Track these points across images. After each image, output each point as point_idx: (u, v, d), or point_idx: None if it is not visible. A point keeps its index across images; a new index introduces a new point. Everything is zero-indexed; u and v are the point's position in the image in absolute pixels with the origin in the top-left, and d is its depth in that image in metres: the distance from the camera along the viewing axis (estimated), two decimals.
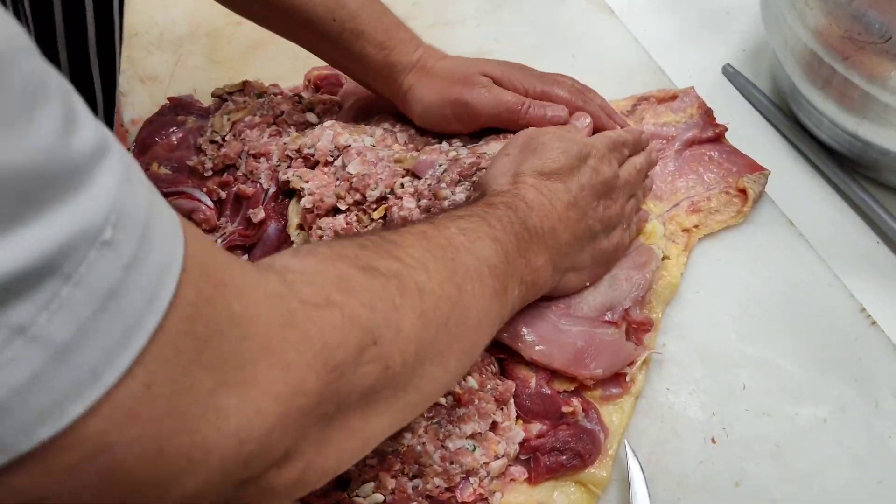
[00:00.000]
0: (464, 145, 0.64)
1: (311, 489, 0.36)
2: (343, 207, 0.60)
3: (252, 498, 0.33)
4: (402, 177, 0.61)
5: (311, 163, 0.64)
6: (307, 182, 0.62)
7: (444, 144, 0.64)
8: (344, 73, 0.70)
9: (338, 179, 0.62)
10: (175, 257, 0.28)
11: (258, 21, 0.66)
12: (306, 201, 0.61)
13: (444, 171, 0.59)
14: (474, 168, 0.59)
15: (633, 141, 0.63)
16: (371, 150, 0.63)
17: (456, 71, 0.64)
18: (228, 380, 0.30)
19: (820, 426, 0.57)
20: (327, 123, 0.65)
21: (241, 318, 0.31)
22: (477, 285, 0.44)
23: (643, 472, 0.53)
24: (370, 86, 0.67)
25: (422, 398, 0.41)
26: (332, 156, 0.63)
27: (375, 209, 0.60)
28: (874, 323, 0.62)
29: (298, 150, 0.64)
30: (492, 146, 0.61)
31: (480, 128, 0.64)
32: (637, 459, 0.54)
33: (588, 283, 0.58)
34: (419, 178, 0.60)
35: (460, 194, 0.58)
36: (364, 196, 0.60)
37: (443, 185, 0.59)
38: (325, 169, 0.63)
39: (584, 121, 0.63)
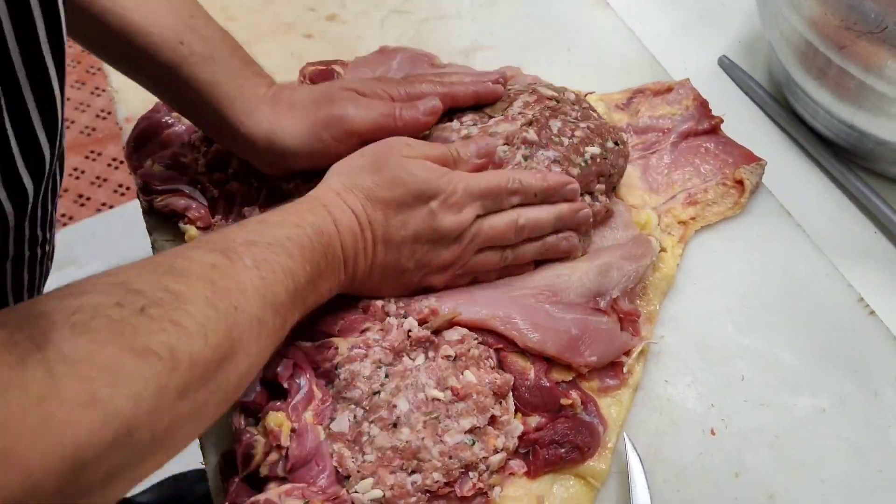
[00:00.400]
0: (474, 123, 0.62)
1: None
2: None
3: None
4: None
5: None
6: None
7: (455, 122, 0.63)
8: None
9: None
10: None
11: (94, 50, 0.60)
12: None
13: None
14: None
15: (541, 190, 0.57)
16: None
17: (315, 94, 0.59)
18: None
19: (819, 417, 0.57)
20: None
21: None
22: (255, 333, 0.43)
23: (642, 465, 0.53)
24: (220, 129, 0.59)
25: (170, 455, 0.40)
26: None
27: None
28: (872, 313, 0.62)
29: None
30: (501, 126, 0.60)
31: (362, 145, 0.57)
32: (636, 452, 0.54)
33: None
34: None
35: None
36: None
37: None
38: None
39: (470, 148, 0.57)
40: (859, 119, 0.67)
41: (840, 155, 0.73)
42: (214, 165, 0.67)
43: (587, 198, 0.61)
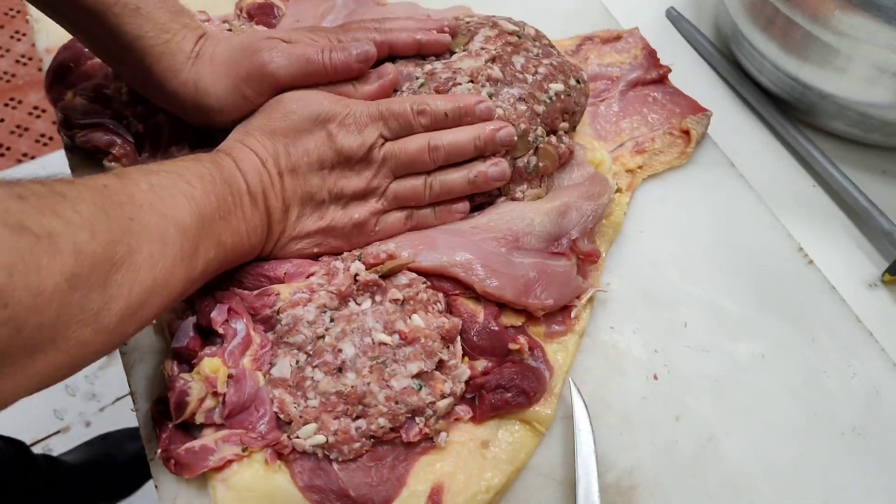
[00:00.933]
0: (438, 59, 0.60)
1: None
2: None
3: None
4: None
5: None
6: None
7: (417, 58, 0.60)
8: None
9: None
10: None
11: None
12: None
13: (422, 85, 0.57)
14: (450, 83, 0.57)
15: (451, 110, 0.54)
16: None
17: (239, 47, 0.55)
18: None
19: (758, 363, 0.58)
20: None
21: None
22: (156, 246, 0.42)
23: (587, 410, 0.53)
24: (145, 83, 0.56)
25: (71, 359, 0.39)
26: None
27: None
28: (811, 262, 0.63)
29: None
30: (465, 62, 0.58)
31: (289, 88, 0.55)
32: (581, 397, 0.54)
33: (316, 251, 0.54)
34: (396, 90, 0.57)
35: None
36: None
37: None
38: None
39: (382, 74, 0.56)
40: (804, 71, 0.67)
41: (783, 109, 0.74)
42: (139, 97, 0.63)
43: (552, 137, 0.59)
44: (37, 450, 1.35)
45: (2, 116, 1.70)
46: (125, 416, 1.37)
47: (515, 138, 0.56)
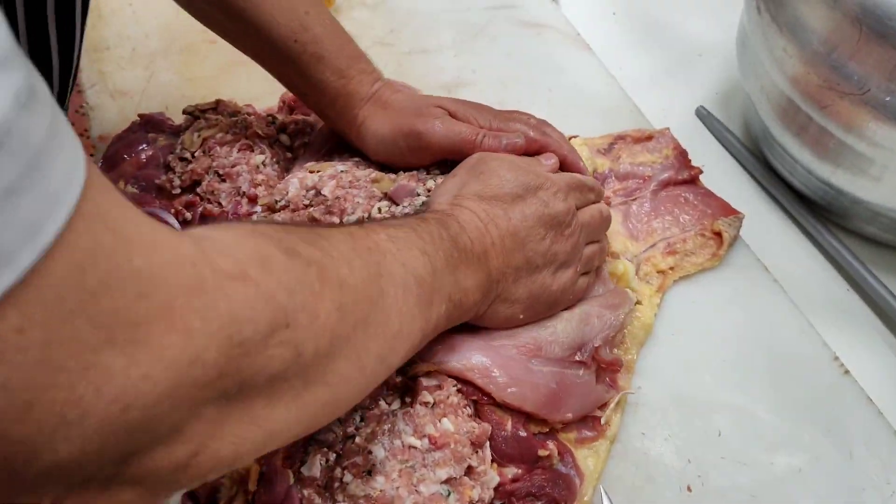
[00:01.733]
0: (441, 173, 0.62)
1: (200, 479, 0.33)
2: None
3: (134, 477, 0.30)
4: (380, 200, 0.60)
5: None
6: (277, 215, 0.60)
7: (422, 172, 0.63)
8: (301, 101, 0.68)
9: (312, 204, 0.60)
10: (68, 197, 0.26)
11: (223, 35, 0.64)
12: (283, 217, 0.59)
13: (423, 203, 0.58)
14: None
15: (597, 189, 0.62)
16: (347, 173, 0.62)
17: (411, 104, 0.63)
18: (117, 338, 0.27)
19: (795, 476, 0.57)
20: (293, 173, 0.63)
21: (143, 276, 0.28)
22: (401, 292, 0.44)
23: None
24: (326, 115, 0.66)
25: (333, 396, 0.39)
26: (306, 199, 0.61)
27: None
28: (847, 372, 0.62)
29: (269, 208, 0.61)
30: None
31: (434, 160, 0.63)
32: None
33: (522, 318, 0.55)
34: (397, 203, 0.58)
35: None
36: (342, 220, 0.58)
37: None
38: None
39: (550, 160, 0.61)
40: (837, 177, 0.68)
41: (815, 211, 0.74)
42: (189, 187, 0.65)
43: None
44: None
45: None
46: None
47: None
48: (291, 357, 0.35)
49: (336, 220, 0.59)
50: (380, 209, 0.58)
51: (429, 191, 0.59)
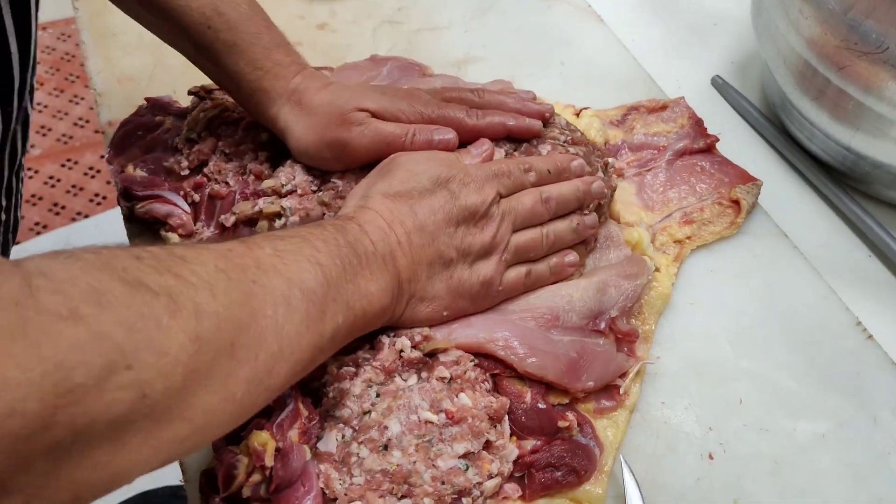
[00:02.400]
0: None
1: None
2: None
3: None
4: None
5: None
6: (285, 199, 0.59)
7: None
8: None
9: (320, 189, 0.60)
10: None
11: (141, 23, 0.62)
12: (292, 221, 0.58)
13: None
14: None
15: (552, 167, 0.58)
16: None
17: (332, 108, 0.59)
18: None
19: (818, 442, 0.56)
20: (290, 162, 0.62)
21: None
22: (282, 310, 0.41)
23: (640, 490, 0.51)
24: (247, 110, 0.63)
25: (195, 430, 0.36)
26: (314, 184, 0.60)
27: None
28: (870, 337, 0.61)
29: (275, 191, 0.60)
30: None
31: (365, 164, 0.59)
32: (633, 476, 0.52)
33: (446, 314, 0.53)
34: None
35: None
36: None
37: None
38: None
39: (481, 147, 0.58)
40: (857, 141, 0.66)
41: (834, 177, 0.72)
42: (196, 169, 0.64)
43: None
44: None
45: (59, 176, 1.77)
46: (166, 475, 1.37)
47: (607, 191, 0.60)
48: (135, 399, 0.32)
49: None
50: None
51: None
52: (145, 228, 0.64)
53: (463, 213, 0.53)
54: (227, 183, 0.62)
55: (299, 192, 0.59)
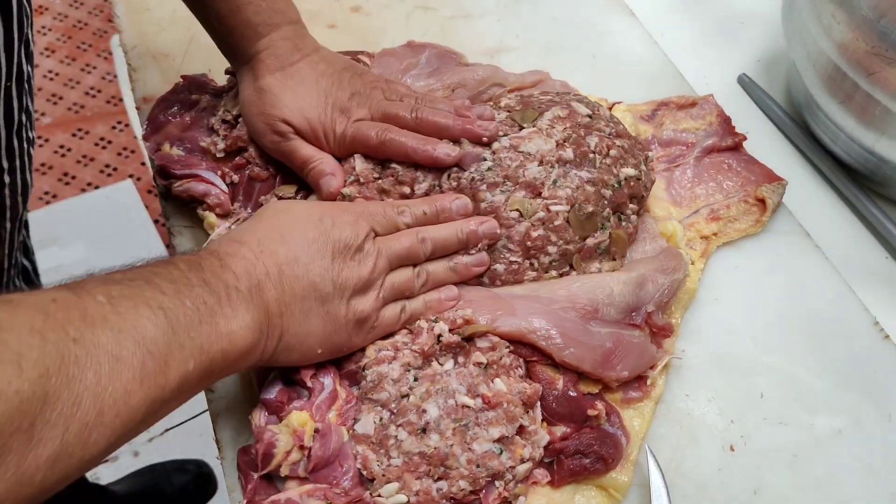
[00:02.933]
0: (504, 134, 0.60)
1: None
2: None
3: None
4: (448, 167, 0.59)
5: None
6: (347, 188, 0.60)
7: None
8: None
9: (381, 177, 0.60)
10: None
11: None
12: (349, 191, 0.59)
13: (489, 169, 0.58)
14: (520, 171, 0.58)
15: (430, 209, 0.57)
16: None
17: (264, 106, 0.61)
18: None
19: (836, 437, 0.58)
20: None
21: None
22: (106, 369, 0.38)
23: (664, 479, 0.53)
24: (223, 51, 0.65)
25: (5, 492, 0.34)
26: (375, 172, 0.60)
27: None
28: (887, 337, 0.62)
29: None
30: (534, 143, 0.59)
31: None
32: (658, 466, 0.54)
33: (320, 352, 0.52)
34: (464, 169, 0.58)
35: (500, 196, 0.57)
36: (413, 189, 0.59)
37: (483, 185, 0.57)
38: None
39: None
40: (881, 145, 0.68)
41: (856, 179, 0.74)
42: (234, 151, 0.65)
43: (612, 218, 0.60)
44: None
45: (69, 146, 1.76)
46: (173, 448, 1.39)
47: (498, 231, 0.57)
48: None
49: (407, 189, 0.59)
50: (448, 175, 0.59)
51: (493, 153, 0.59)
52: (181, 206, 0.65)
53: (337, 244, 0.52)
54: (268, 168, 0.63)
55: (361, 180, 0.60)
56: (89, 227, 1.63)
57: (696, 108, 0.74)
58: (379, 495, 0.50)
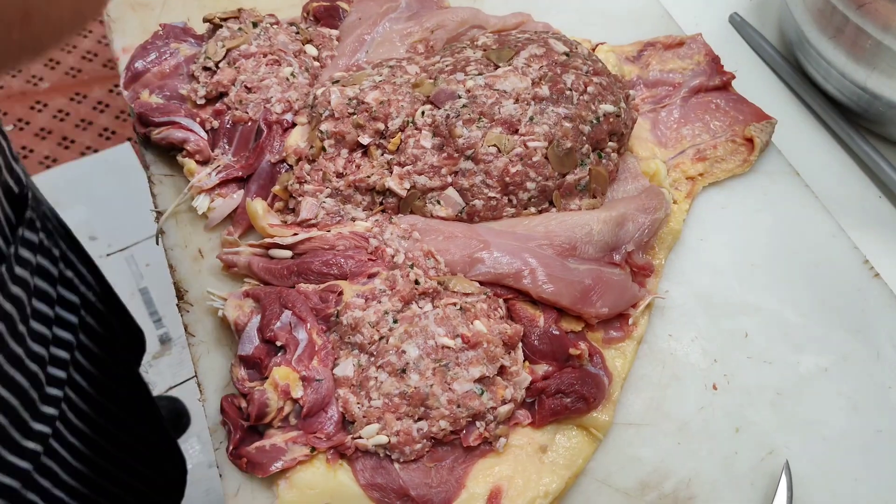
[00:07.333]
0: (479, 73, 0.59)
1: None
2: (365, 142, 0.58)
3: None
4: (423, 104, 0.59)
5: None
6: (322, 124, 0.60)
7: (460, 74, 0.60)
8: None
9: (356, 112, 0.59)
10: None
11: None
12: (326, 127, 0.59)
13: (464, 105, 0.57)
14: (496, 108, 0.57)
15: None
16: (386, 82, 0.61)
17: None
18: None
19: (821, 375, 0.57)
20: (327, 85, 0.62)
21: None
22: None
23: (790, 493, 0.52)
24: None
25: None
26: (350, 107, 0.60)
27: (391, 141, 0.58)
28: (877, 275, 0.62)
29: (315, 119, 0.61)
30: (509, 81, 0.58)
31: None
32: (789, 484, 0.52)
33: None
34: (438, 107, 0.58)
35: (476, 131, 0.56)
36: (386, 125, 0.58)
37: (460, 122, 0.57)
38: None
39: None
40: (873, 81, 0.66)
41: (848, 118, 0.72)
42: (214, 98, 0.64)
43: (592, 155, 0.59)
44: None
45: (67, 110, 1.76)
46: (159, 385, 1.43)
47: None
48: None
49: (381, 125, 0.58)
50: (423, 112, 0.58)
51: (468, 91, 0.58)
52: (161, 154, 0.64)
53: None
54: (246, 113, 0.62)
55: (336, 115, 0.59)
56: (89, 191, 1.63)
57: (683, 48, 0.72)
58: (360, 437, 0.50)
